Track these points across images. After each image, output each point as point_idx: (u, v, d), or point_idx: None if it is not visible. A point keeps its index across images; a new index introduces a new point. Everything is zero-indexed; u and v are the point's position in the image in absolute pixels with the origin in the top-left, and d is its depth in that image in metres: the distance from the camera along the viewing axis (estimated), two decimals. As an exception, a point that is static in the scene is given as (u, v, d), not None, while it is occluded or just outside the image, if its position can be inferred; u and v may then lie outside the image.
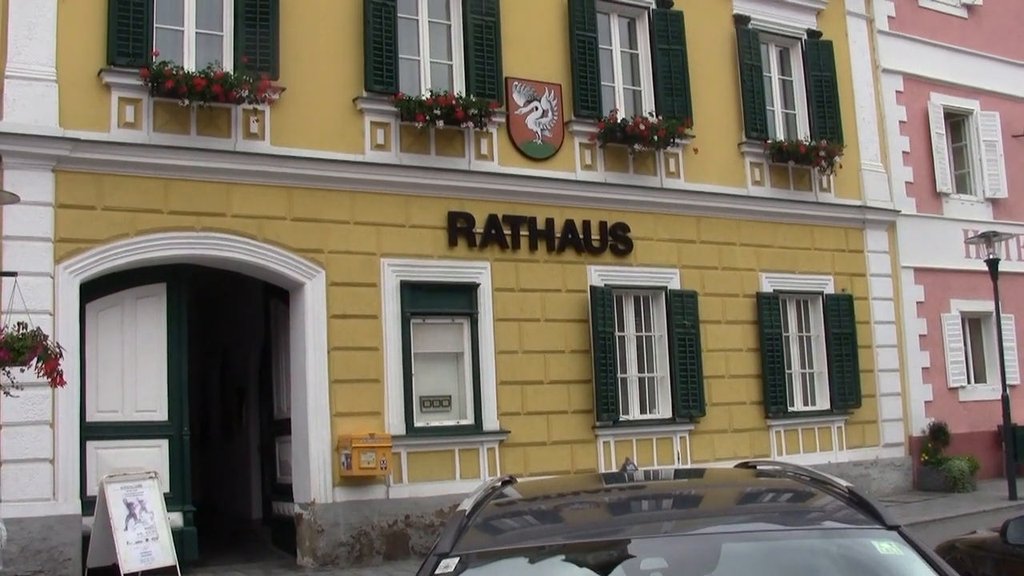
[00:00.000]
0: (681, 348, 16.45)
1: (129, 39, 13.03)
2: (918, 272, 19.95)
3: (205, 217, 13.33)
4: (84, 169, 12.62)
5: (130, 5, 13.10)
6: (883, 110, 20.11)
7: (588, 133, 16.17)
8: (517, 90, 15.71)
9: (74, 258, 12.46)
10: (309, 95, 14.15)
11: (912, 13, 21.10)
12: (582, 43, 16.28)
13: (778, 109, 18.64)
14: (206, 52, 13.70)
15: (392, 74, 14.61)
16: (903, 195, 20.04)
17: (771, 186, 18.10)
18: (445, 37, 15.51)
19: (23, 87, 12.40)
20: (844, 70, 19.42)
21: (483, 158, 15.31)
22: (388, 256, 14.42)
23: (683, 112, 16.90)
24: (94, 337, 12.81)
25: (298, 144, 13.98)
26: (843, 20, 19.80)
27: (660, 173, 16.83)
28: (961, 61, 21.61)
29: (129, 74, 12.95)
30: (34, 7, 12.64)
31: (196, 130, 13.37)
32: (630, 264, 16.35)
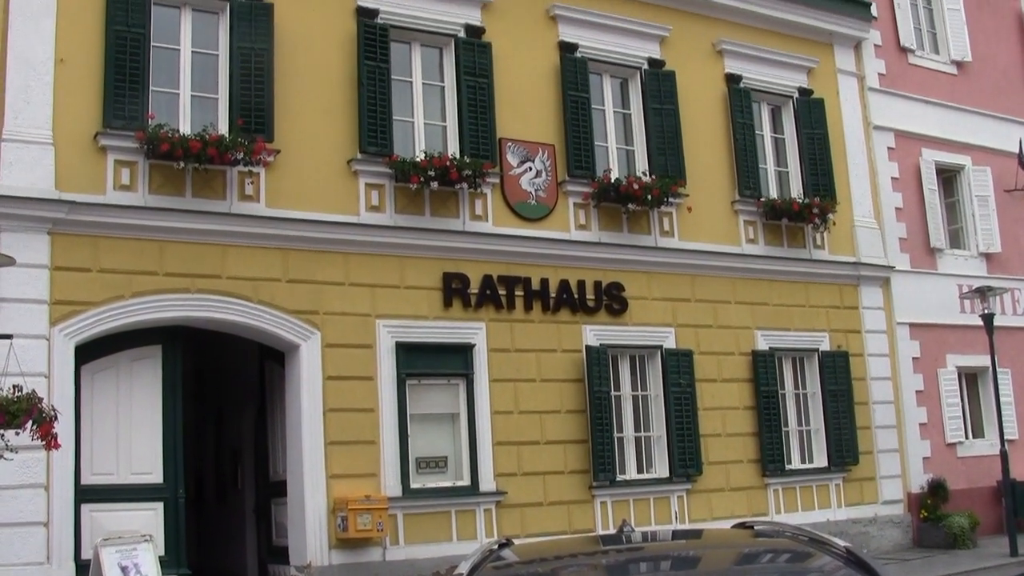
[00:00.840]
0: (677, 407, 16.42)
1: (125, 102, 13.12)
2: (913, 328, 19.95)
3: (200, 279, 13.34)
4: (80, 231, 12.65)
5: (126, 69, 13.20)
6: (875, 166, 20.20)
7: (582, 193, 16.26)
8: (511, 151, 15.81)
9: (69, 320, 12.45)
10: (304, 157, 14.24)
11: (902, 70, 21.27)
12: (575, 104, 16.42)
13: (771, 167, 18.75)
14: (201, 114, 13.79)
15: (386, 136, 14.71)
16: (897, 251, 20.09)
17: (765, 244, 18.15)
18: (439, 99, 15.64)
19: (20, 150, 12.47)
20: (836, 127, 19.54)
21: (478, 219, 15.37)
22: (383, 317, 14.43)
23: (676, 171, 17.00)
24: (89, 399, 12.77)
25: (293, 206, 14.04)
26: (834, 78, 19.96)
27: (654, 232, 16.90)
28: (952, 117, 21.75)
29: (125, 137, 13.03)
30: (31, 70, 12.75)
31: (191, 192, 13.42)
32: (625, 323, 16.36)
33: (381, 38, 14.97)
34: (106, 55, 13.19)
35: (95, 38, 13.23)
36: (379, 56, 14.87)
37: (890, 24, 21.23)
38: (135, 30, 13.36)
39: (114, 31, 13.26)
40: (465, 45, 15.71)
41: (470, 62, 15.65)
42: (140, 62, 13.31)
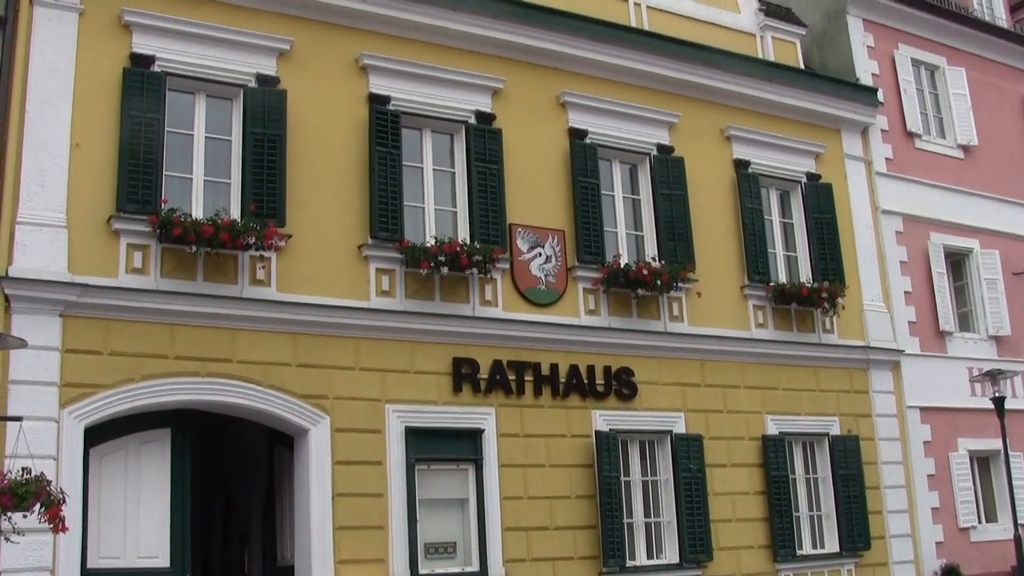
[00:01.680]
0: (687, 492, 16.32)
1: (139, 186, 13.25)
2: (924, 411, 19.86)
3: (210, 362, 13.37)
4: (92, 314, 12.70)
5: (140, 153, 13.35)
6: (884, 250, 20.25)
7: (591, 278, 16.31)
8: (521, 236, 15.90)
9: (79, 403, 12.46)
10: (315, 242, 14.33)
11: (909, 155, 21.40)
12: (584, 190, 16.54)
13: (779, 251, 18.81)
14: (214, 199, 13.93)
15: (397, 221, 14.81)
16: (906, 334, 20.06)
17: (774, 328, 18.15)
18: (449, 184, 15.77)
19: (34, 233, 12.58)
20: (844, 212, 19.63)
21: (487, 304, 15.40)
22: (393, 402, 14.42)
23: (685, 256, 17.07)
24: (97, 482, 12.76)
25: (304, 291, 14.10)
26: (842, 163, 20.08)
27: (664, 317, 16.93)
28: (959, 201, 21.86)
29: (138, 221, 13.14)
30: (47, 155, 12.90)
31: (203, 276, 13.50)
32: (635, 408, 16.33)
33: (392, 124, 15.13)
34: (121, 140, 13.34)
35: (111, 123, 13.40)
36: (390, 142, 15.02)
37: (896, 109, 21.41)
38: (150, 115, 13.54)
39: (129, 116, 13.43)
40: (476, 131, 15.87)
41: (480, 148, 15.80)
42: (154, 147, 13.47)
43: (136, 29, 13.81)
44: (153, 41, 13.87)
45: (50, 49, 13.24)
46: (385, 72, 15.36)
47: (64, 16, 13.44)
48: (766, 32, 19.89)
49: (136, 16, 13.79)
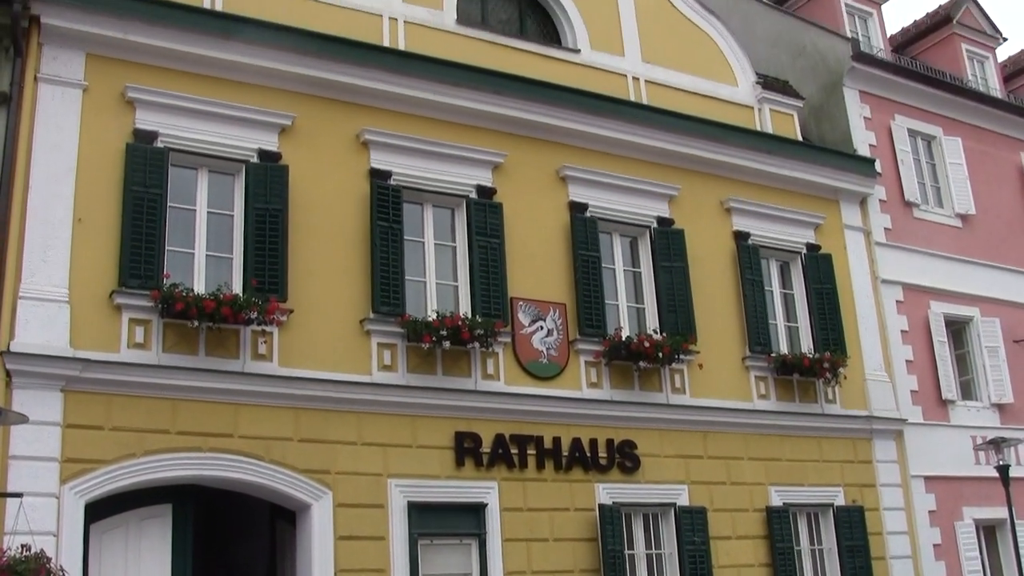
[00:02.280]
0: (692, 565, 16.16)
1: (141, 261, 13.29)
2: (928, 481, 19.75)
3: (212, 438, 13.32)
4: (93, 389, 12.68)
5: (143, 228, 13.42)
6: (884, 320, 20.26)
7: (593, 351, 16.31)
8: (522, 310, 15.92)
9: (80, 479, 12.39)
10: (317, 317, 14.34)
11: (908, 224, 21.49)
12: (585, 263, 16.59)
13: (780, 322, 18.81)
14: (216, 274, 13.96)
15: (399, 296, 14.84)
16: (909, 403, 20.01)
17: (777, 399, 18.11)
18: (451, 259, 15.83)
19: (36, 308, 12.59)
20: (844, 282, 19.67)
21: (489, 378, 15.38)
22: (395, 477, 14.34)
23: (687, 328, 17.07)
24: (97, 559, 12.68)
25: (306, 365, 14.09)
26: (841, 233, 20.16)
27: (666, 389, 16.90)
28: (959, 269, 21.91)
29: (140, 296, 13.16)
30: (50, 229, 12.96)
31: (204, 351, 13.48)
32: (638, 481, 16.23)
33: (394, 199, 15.22)
34: (123, 215, 13.42)
35: (113, 198, 13.48)
36: (392, 217, 15.11)
37: (894, 179, 21.53)
38: (152, 190, 13.63)
39: (132, 191, 13.52)
40: (476, 206, 15.96)
41: (481, 222, 15.87)
42: (156, 222, 13.54)
43: (139, 105, 13.93)
44: (156, 117, 13.98)
45: (54, 125, 13.36)
46: (386, 147, 15.47)
47: (68, 93, 13.58)
48: (764, 105, 20.07)
49: (139, 92, 13.92)
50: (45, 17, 13.46)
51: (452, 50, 16.50)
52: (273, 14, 15.13)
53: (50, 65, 13.56)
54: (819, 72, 22.08)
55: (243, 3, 15.14)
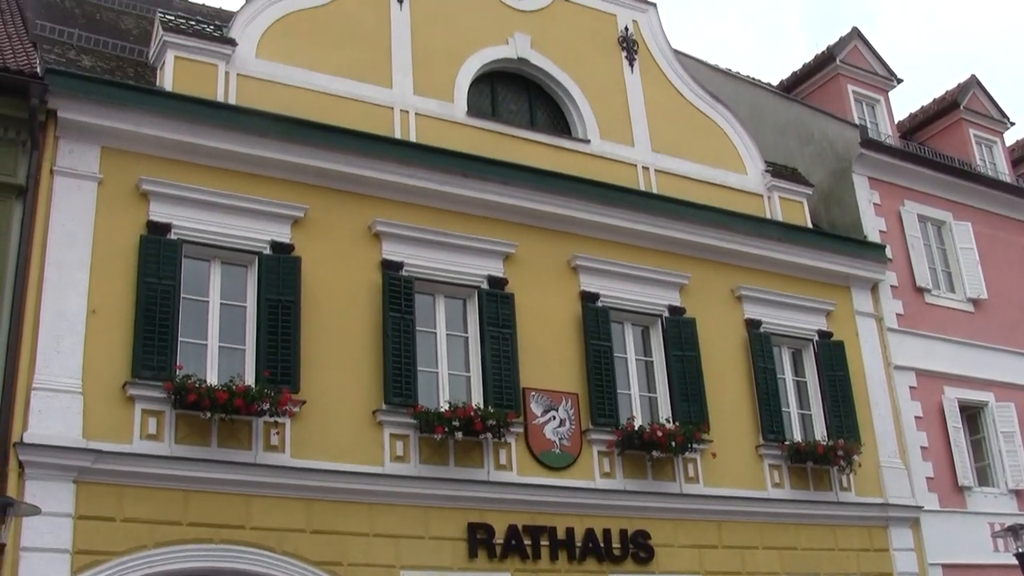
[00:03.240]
0: (707, 657, 16.01)
1: (154, 352, 13.35)
2: (946, 568, 19.49)
3: (224, 529, 13.27)
4: (105, 480, 12.68)
5: (156, 320, 13.49)
6: (898, 406, 20.14)
7: (606, 441, 16.25)
8: (534, 400, 15.89)
9: (91, 570, 12.36)
10: (329, 408, 14.35)
11: (920, 310, 21.46)
12: (597, 352, 16.59)
13: (794, 410, 18.72)
14: (228, 365, 14.00)
15: (411, 387, 14.86)
16: (924, 490, 19.82)
17: (791, 488, 17.96)
18: (463, 349, 15.86)
19: (49, 399, 12.64)
20: (857, 368, 19.59)
21: (502, 468, 15.33)
22: (408, 568, 14.24)
23: (699, 417, 17.01)
24: (107, 653, 12.56)
25: (318, 457, 14.07)
26: (852, 320, 20.11)
27: (679, 479, 16.80)
28: (972, 354, 21.81)
29: (153, 387, 13.21)
30: (64, 320, 13.05)
31: (217, 442, 13.49)
32: (652, 572, 16.06)
33: (406, 290, 15.30)
34: (137, 306, 13.51)
35: (127, 289, 13.58)
36: (404, 308, 15.17)
37: (905, 265, 21.55)
38: (166, 282, 13.73)
39: (146, 283, 13.62)
40: (488, 296, 16.01)
41: (493, 313, 15.93)
42: (170, 313, 13.63)
43: (153, 198, 14.10)
44: (170, 209, 14.13)
45: (69, 217, 13.51)
46: (398, 238, 15.58)
47: (83, 185, 13.76)
48: (773, 192, 20.14)
49: (153, 185, 14.09)
50: (62, 111, 13.69)
51: (463, 141, 16.69)
52: (285, 107, 15.36)
53: (66, 158, 13.76)
54: (828, 159, 22.23)
55: (256, 96, 15.40)
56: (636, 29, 19.93)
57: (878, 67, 24.30)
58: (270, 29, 16.05)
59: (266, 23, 16.05)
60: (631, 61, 19.55)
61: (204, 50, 15.31)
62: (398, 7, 17.29)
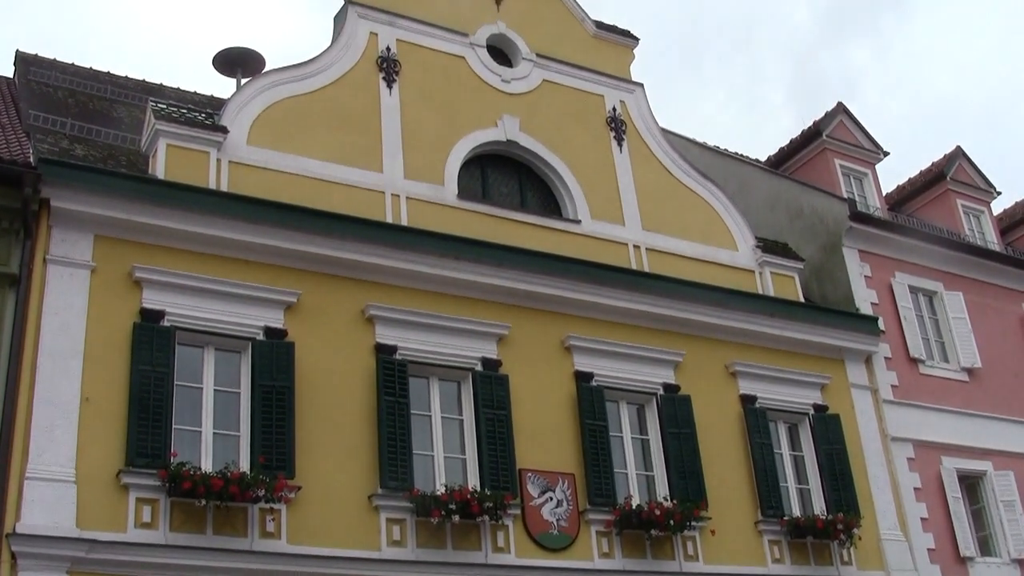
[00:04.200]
0: None
1: (148, 440, 13.30)
2: (951, 640, 19.39)
3: (218, 617, 13.15)
4: (99, 570, 12.55)
5: (150, 407, 13.47)
6: (897, 478, 20.06)
7: (604, 521, 16.13)
8: (531, 481, 15.80)
9: (86, 661, 12.18)
10: (325, 493, 14.27)
11: (915, 380, 21.46)
12: (593, 432, 16.54)
13: (792, 485, 18.62)
14: (223, 452, 13.94)
15: (407, 470, 14.78)
16: (926, 562, 19.66)
17: (791, 563, 17.79)
18: (458, 431, 15.81)
19: (42, 488, 12.56)
20: (854, 441, 19.52)
21: (500, 551, 15.19)
22: (403, 648, 14.14)
23: (697, 494, 16.92)
24: None
25: (314, 543, 13.94)
26: (848, 392, 20.09)
27: (678, 557, 16.64)
28: (969, 424, 21.78)
29: (147, 475, 13.13)
30: (57, 409, 13.01)
31: (212, 530, 13.38)
32: (655, 650, 15.94)
33: (400, 374, 15.29)
34: (130, 393, 13.49)
35: (120, 377, 13.56)
36: (398, 391, 15.15)
37: (898, 336, 21.57)
38: (159, 369, 13.72)
39: (139, 370, 13.61)
40: (483, 378, 16.00)
41: (488, 395, 15.90)
42: (163, 400, 13.60)
43: (146, 285, 14.13)
44: (163, 296, 14.16)
45: (62, 305, 13.53)
46: (391, 322, 15.60)
47: (76, 273, 13.80)
48: (765, 268, 20.21)
49: (146, 272, 14.14)
50: (55, 200, 13.77)
51: (454, 224, 16.80)
52: (277, 192, 15.50)
53: (59, 247, 13.80)
54: (818, 233, 22.36)
55: (247, 182, 15.52)
56: (624, 109, 20.19)
57: (864, 141, 24.56)
58: (261, 116, 16.24)
59: (257, 110, 16.24)
60: (620, 141, 19.78)
61: (196, 138, 15.44)
62: (387, 92, 17.55)
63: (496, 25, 19.41)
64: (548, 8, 20.34)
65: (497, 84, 18.88)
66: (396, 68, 17.81)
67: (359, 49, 17.64)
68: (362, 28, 17.83)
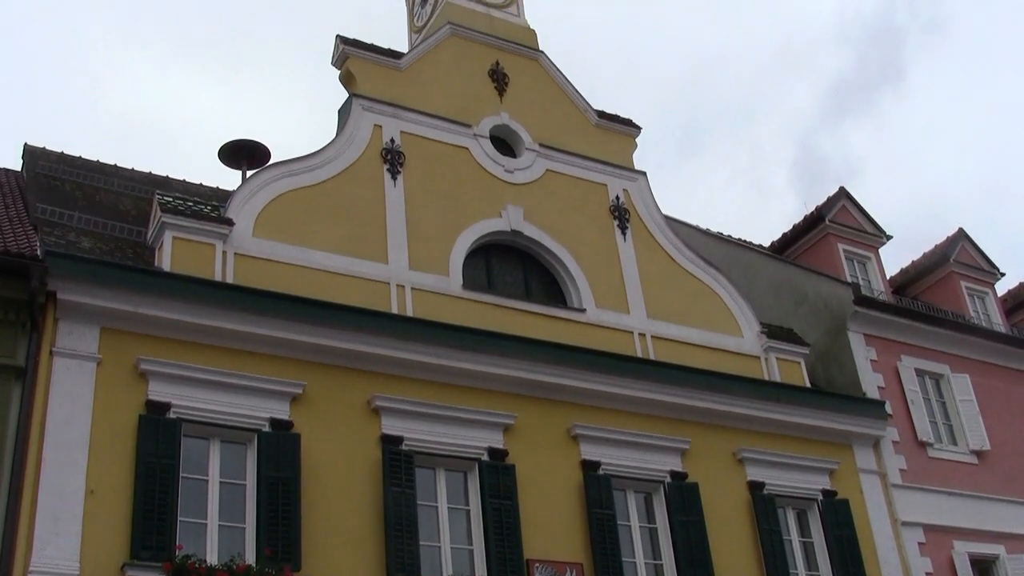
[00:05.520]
0: None
1: (153, 532, 13.24)
2: None
3: None
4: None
5: (155, 499, 13.43)
6: (908, 563, 19.87)
7: (614, 611, 16.01)
8: (539, 571, 15.63)
9: None
10: (331, 585, 14.16)
11: (923, 464, 21.34)
12: (600, 521, 16.44)
13: (802, 571, 18.45)
14: (229, 544, 13.88)
15: (413, 561, 14.66)
16: (939, 646, 19.51)
17: (804, 645, 17.66)
18: (465, 522, 15.72)
19: (47, 582, 12.42)
20: (864, 526, 19.39)
21: (507, 645, 15.07)
22: None
23: (706, 583, 16.79)
24: None
25: (321, 633, 13.82)
26: (856, 477, 19.98)
27: (689, 642, 16.49)
28: (979, 507, 21.61)
29: (152, 568, 13.06)
30: (62, 501, 12.97)
31: (219, 627, 13.25)
32: None
33: (406, 464, 15.24)
34: (136, 486, 13.45)
35: (126, 468, 13.54)
36: (404, 482, 15.09)
37: (906, 420, 21.50)
38: (165, 461, 13.70)
39: (145, 462, 13.59)
40: (489, 468, 15.96)
41: (494, 484, 15.84)
42: (169, 493, 13.56)
43: (152, 377, 14.16)
44: (169, 388, 14.19)
45: (68, 398, 13.55)
46: (397, 413, 15.60)
47: (83, 366, 13.84)
48: (770, 354, 20.19)
49: (152, 365, 14.18)
50: (61, 293, 13.86)
51: (459, 314, 16.87)
52: (282, 284, 15.59)
53: (65, 339, 13.86)
54: (823, 317, 22.38)
55: (253, 274, 15.62)
56: (627, 198, 20.34)
57: (867, 225, 24.68)
58: (266, 208, 16.38)
59: (262, 202, 16.39)
60: (623, 229, 19.90)
61: (202, 230, 15.57)
62: (392, 183, 17.71)
63: (499, 116, 19.67)
64: (550, 98, 20.62)
65: (501, 174, 19.06)
66: (400, 160, 18.01)
67: (363, 141, 17.86)
68: (366, 120, 18.05)
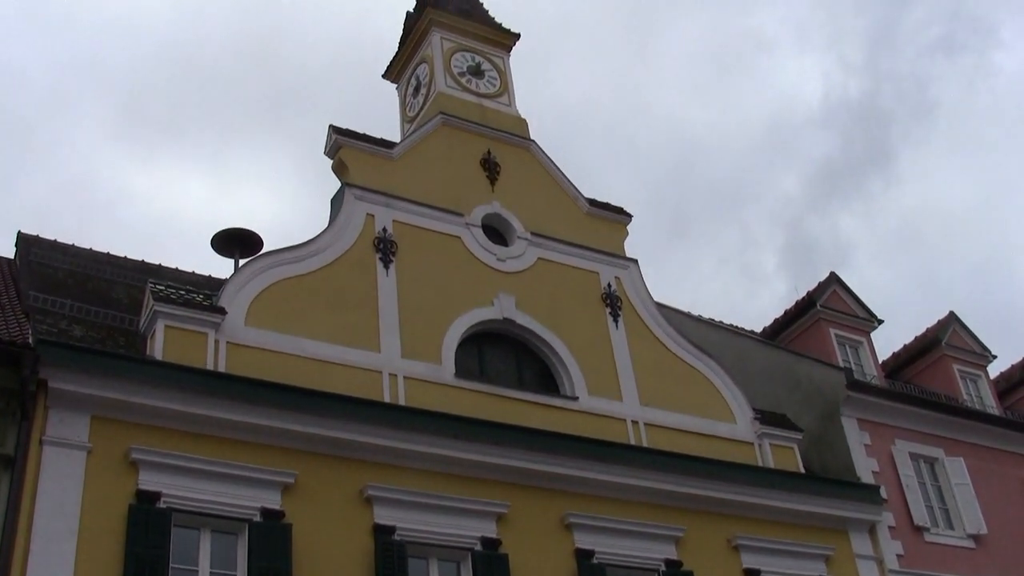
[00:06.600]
0: None
1: (145, 593, 13.03)
2: None
3: None
4: None
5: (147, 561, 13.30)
6: (908, 641, 19.76)
7: None
8: None
9: None
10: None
11: (920, 549, 21.19)
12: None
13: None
14: (218, 636, 13.69)
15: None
16: None
17: None
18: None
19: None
20: (862, 623, 19.20)
21: None
22: None
23: None
24: None
25: None
26: (853, 563, 19.81)
27: None
28: (979, 592, 21.46)
29: (139, 664, 12.86)
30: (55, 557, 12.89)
31: None
32: None
33: (399, 555, 15.11)
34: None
35: (115, 559, 13.38)
36: (397, 572, 14.95)
37: (902, 504, 21.40)
38: (154, 551, 13.55)
39: (134, 553, 13.44)
40: (482, 558, 15.80)
41: (487, 574, 15.67)
42: (159, 585, 13.35)
43: (142, 466, 14.07)
44: (159, 477, 14.09)
45: (57, 488, 13.43)
46: (389, 503, 15.48)
47: (73, 455, 13.75)
48: (764, 440, 20.11)
49: (143, 454, 14.09)
50: (52, 381, 13.81)
51: (452, 403, 16.81)
52: (274, 373, 15.56)
53: (56, 428, 13.78)
54: (816, 403, 22.34)
55: (245, 363, 15.59)
56: (619, 285, 20.42)
57: (858, 310, 24.79)
58: (259, 297, 16.41)
59: (255, 291, 16.41)
60: (615, 317, 19.93)
61: (194, 319, 15.57)
62: (384, 272, 17.77)
63: (491, 204, 19.82)
64: (542, 187, 20.79)
65: (492, 263, 19.15)
66: (393, 249, 18.08)
67: (356, 230, 17.95)
68: (359, 210, 18.16)
